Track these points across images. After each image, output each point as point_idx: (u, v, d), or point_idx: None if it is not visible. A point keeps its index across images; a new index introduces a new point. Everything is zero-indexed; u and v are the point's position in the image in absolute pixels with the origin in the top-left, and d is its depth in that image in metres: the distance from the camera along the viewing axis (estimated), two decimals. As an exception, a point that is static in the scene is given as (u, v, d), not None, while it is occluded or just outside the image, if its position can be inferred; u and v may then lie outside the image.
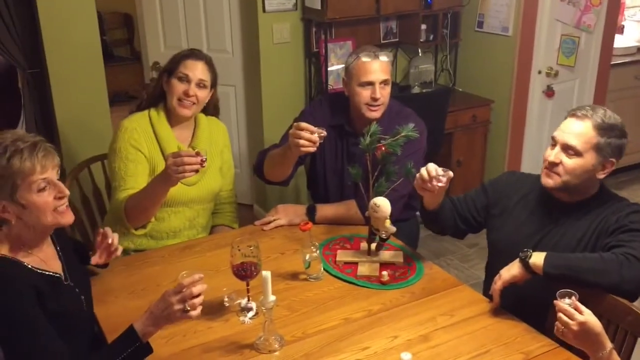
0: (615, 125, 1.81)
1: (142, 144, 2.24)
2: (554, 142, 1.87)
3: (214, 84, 2.35)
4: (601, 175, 1.84)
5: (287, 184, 2.49)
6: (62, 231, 1.80)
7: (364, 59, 2.34)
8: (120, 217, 2.17)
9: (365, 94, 2.34)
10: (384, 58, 2.36)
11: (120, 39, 6.62)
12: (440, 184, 1.87)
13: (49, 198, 1.57)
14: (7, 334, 1.49)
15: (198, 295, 1.54)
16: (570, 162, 1.82)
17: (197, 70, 2.26)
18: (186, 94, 2.24)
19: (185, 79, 2.24)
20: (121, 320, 1.78)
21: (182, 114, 2.27)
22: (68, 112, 3.27)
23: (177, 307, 1.52)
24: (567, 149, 1.82)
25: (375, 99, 2.33)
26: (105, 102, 3.38)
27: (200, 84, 2.27)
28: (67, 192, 1.62)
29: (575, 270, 1.71)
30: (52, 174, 1.58)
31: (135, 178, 2.21)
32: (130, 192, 2.18)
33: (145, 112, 2.31)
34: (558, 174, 1.84)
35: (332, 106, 2.51)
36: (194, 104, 2.27)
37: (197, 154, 1.96)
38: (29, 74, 3.27)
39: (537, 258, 1.76)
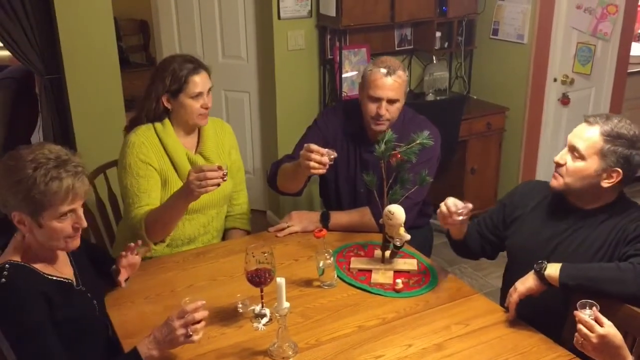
0: (624, 134, 1.79)
1: (152, 157, 2.23)
2: (565, 144, 1.90)
3: None
4: (606, 184, 1.81)
5: (300, 194, 2.50)
6: None
7: (378, 72, 2.30)
8: (139, 234, 2.15)
9: (372, 107, 2.34)
10: (398, 76, 2.31)
11: (136, 45, 6.68)
12: (460, 218, 1.90)
13: (67, 225, 1.58)
14: (14, 339, 1.50)
15: (200, 321, 1.59)
16: (573, 164, 1.84)
17: (205, 82, 2.25)
18: (205, 107, 2.26)
19: (199, 96, 2.24)
20: (136, 325, 1.80)
21: (203, 124, 2.30)
22: (85, 118, 3.31)
23: (180, 332, 1.57)
24: (573, 150, 1.84)
25: (379, 115, 2.33)
26: (122, 108, 3.41)
27: (209, 92, 2.28)
28: (85, 224, 1.63)
29: (592, 280, 1.70)
30: (79, 205, 1.60)
31: (148, 194, 2.20)
32: (146, 208, 2.17)
33: (149, 125, 2.29)
34: (562, 176, 1.87)
35: (346, 113, 2.52)
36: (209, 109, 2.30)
37: (219, 168, 1.97)
38: (46, 79, 3.31)
39: (553, 269, 1.75)
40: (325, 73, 3.84)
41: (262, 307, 1.86)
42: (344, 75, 3.77)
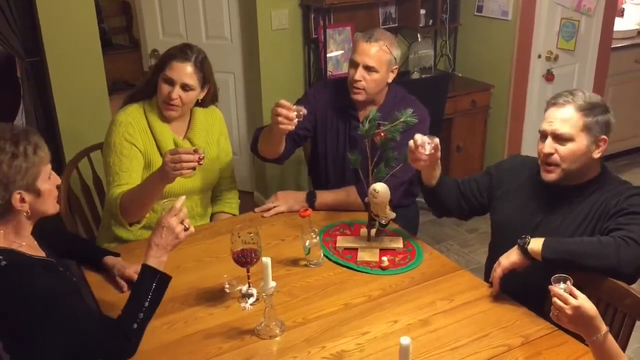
0: (598, 103, 1.84)
1: (137, 138, 2.22)
2: (544, 135, 1.88)
3: (206, 82, 2.27)
4: (597, 154, 1.84)
5: (281, 162, 2.50)
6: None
7: (360, 38, 2.39)
8: (114, 213, 2.15)
9: (351, 72, 2.38)
10: (379, 45, 2.34)
11: (118, 26, 6.57)
12: (427, 152, 1.91)
13: (53, 185, 1.64)
14: (33, 313, 1.50)
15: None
16: (564, 149, 1.83)
17: (182, 74, 2.18)
18: (169, 97, 2.19)
19: (170, 82, 2.19)
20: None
21: (167, 115, 2.24)
22: (67, 101, 3.27)
23: (180, 227, 1.65)
24: (558, 137, 1.83)
25: (354, 81, 2.34)
26: (104, 90, 3.38)
27: (186, 88, 2.20)
28: (60, 180, 1.69)
29: (574, 254, 1.72)
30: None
31: (129, 173, 2.19)
32: (124, 187, 2.16)
33: (140, 104, 2.27)
34: (557, 165, 1.85)
35: (336, 89, 2.53)
36: (179, 105, 2.22)
37: (195, 151, 1.96)
38: (27, 62, 3.27)
39: (536, 244, 1.77)
40: (309, 53, 3.82)
41: (249, 287, 1.87)
42: (328, 55, 3.75)
